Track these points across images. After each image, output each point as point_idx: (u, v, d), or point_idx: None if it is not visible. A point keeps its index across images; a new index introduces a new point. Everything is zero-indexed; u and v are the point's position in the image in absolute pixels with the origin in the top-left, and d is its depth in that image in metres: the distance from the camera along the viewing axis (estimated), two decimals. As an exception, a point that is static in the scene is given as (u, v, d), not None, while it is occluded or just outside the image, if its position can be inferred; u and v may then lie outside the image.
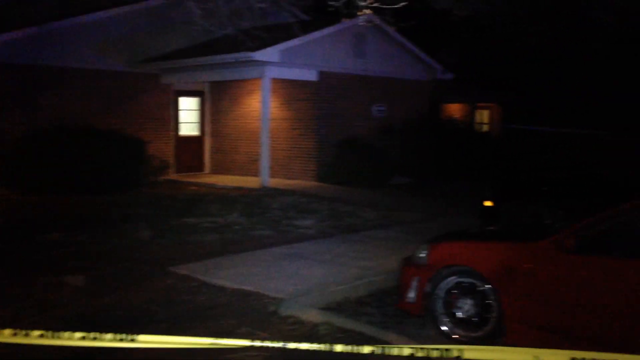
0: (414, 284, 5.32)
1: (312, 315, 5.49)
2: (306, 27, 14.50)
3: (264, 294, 6.05)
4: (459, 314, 5.08)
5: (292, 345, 2.33)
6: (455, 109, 21.95)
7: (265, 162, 14.05)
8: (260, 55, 13.19)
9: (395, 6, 6.64)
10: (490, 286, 4.87)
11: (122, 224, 9.37)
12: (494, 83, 23.01)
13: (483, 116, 23.30)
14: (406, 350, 2.22)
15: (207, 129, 17.34)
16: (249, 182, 14.56)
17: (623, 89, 19.49)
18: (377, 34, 15.87)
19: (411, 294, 5.35)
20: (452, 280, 5.15)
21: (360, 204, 11.84)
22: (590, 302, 4.31)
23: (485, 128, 22.61)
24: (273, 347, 2.37)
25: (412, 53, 16.91)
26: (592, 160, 7.99)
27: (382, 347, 2.31)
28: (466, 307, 5.07)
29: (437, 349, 2.20)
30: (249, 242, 8.63)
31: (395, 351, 2.28)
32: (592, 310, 4.28)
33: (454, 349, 2.16)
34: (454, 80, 19.22)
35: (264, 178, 13.97)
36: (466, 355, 2.15)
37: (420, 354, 2.20)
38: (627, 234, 4.47)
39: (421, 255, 5.40)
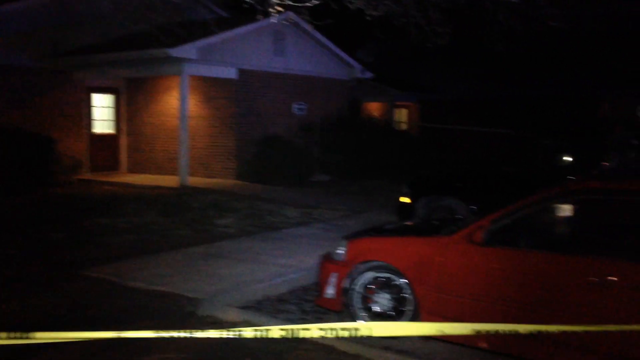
0: (333, 280, 5.36)
1: (231, 315, 5.42)
2: (225, 24, 14.32)
3: (181, 295, 5.92)
4: (376, 308, 5.16)
5: (199, 334, 2.26)
6: (374, 108, 22.38)
7: (184, 161, 13.76)
8: (177, 52, 12.90)
9: (308, 4, 6.66)
10: (405, 280, 4.98)
11: (30, 226, 8.91)
12: (412, 83, 23.63)
13: (402, 115, 23.89)
14: (316, 332, 2.17)
15: (123, 126, 16.77)
16: (168, 181, 14.21)
17: (530, 87, 20.52)
18: (296, 33, 15.90)
19: (330, 290, 5.38)
20: (370, 275, 5.23)
21: (281, 202, 11.83)
22: (498, 292, 4.49)
23: (403, 126, 23.19)
24: (180, 337, 2.28)
25: (331, 52, 17.06)
26: (501, 156, 8.36)
27: (292, 329, 2.24)
28: (383, 301, 5.15)
29: (346, 329, 2.17)
30: (166, 242, 8.43)
31: (305, 333, 2.22)
32: (500, 299, 4.45)
33: (363, 328, 2.14)
34: (374, 80, 19.58)
35: (183, 177, 13.68)
36: (375, 332, 2.13)
37: (330, 335, 2.16)
38: (531, 227, 4.69)
39: (339, 251, 5.44)
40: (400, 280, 5.01)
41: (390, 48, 22.84)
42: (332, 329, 2.15)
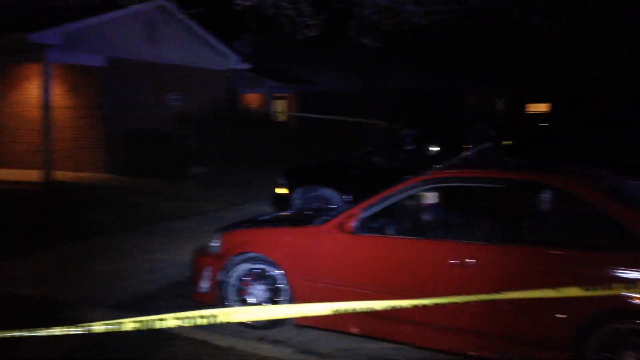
0: (207, 273, 5.28)
1: (99, 315, 5.17)
2: (94, 10, 13.56)
3: (44, 297, 5.56)
4: (251, 300, 5.15)
5: (43, 332, 2.10)
6: (253, 99, 22.27)
7: (48, 154, 12.89)
8: (38, 37, 12.03)
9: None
10: (280, 271, 5.01)
11: None
12: (291, 74, 23.79)
13: (280, 106, 24.00)
14: (172, 322, 2.09)
15: (-21, 117, 15.40)
16: (30, 175, 13.24)
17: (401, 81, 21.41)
18: (169, 21, 15.42)
19: (204, 284, 5.30)
20: (245, 267, 5.20)
21: (157, 195, 11.46)
22: (370, 278, 4.65)
23: (282, 117, 23.31)
24: (24, 337, 2.12)
25: (207, 42, 16.73)
26: (373, 147, 8.66)
27: (146, 320, 2.14)
28: (258, 292, 5.15)
29: (204, 317, 2.10)
30: (28, 241, 7.85)
31: (161, 324, 2.12)
32: (372, 286, 4.61)
33: (221, 314, 2.08)
34: (252, 71, 19.47)
35: (48, 171, 12.82)
36: (234, 318, 2.07)
37: (187, 324, 2.08)
38: (397, 214, 4.90)
39: (214, 244, 5.37)
40: (275, 271, 5.04)
41: (269, 40, 22.83)
42: (189, 318, 2.08)
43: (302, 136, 18.17)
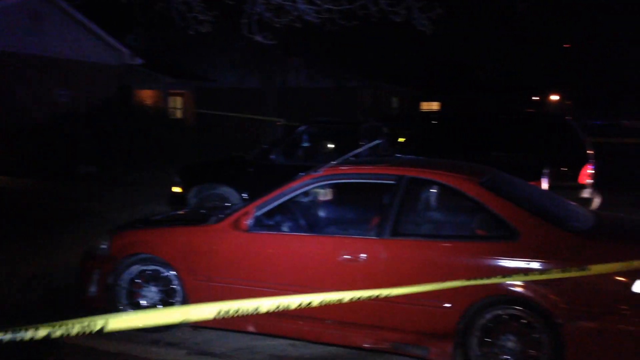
0: (96, 277, 5.06)
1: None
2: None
3: None
4: (143, 302, 5.00)
5: None
6: (148, 95, 21.56)
7: None
8: None
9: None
10: (174, 272, 4.89)
11: None
12: (187, 70, 23.26)
13: (177, 102, 23.41)
14: (42, 331, 1.92)
15: None
16: None
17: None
18: (55, 13, 14.61)
19: (93, 288, 5.07)
20: (136, 269, 5.03)
21: (41, 197, 10.81)
22: (266, 276, 4.63)
23: (179, 114, 22.76)
24: None
25: (95, 34, 16.01)
26: (271, 144, 8.62)
27: (12, 330, 1.94)
28: (151, 294, 5.00)
29: (79, 324, 1.96)
30: None
31: (30, 334, 1.94)
32: (268, 284, 4.60)
33: (98, 321, 1.95)
34: (146, 66, 18.84)
35: None
36: (111, 325, 1.94)
37: (60, 332, 1.92)
38: (291, 211, 4.93)
39: (103, 246, 5.15)
40: (169, 272, 4.91)
41: (165, 35, 22.20)
42: (61, 325, 1.92)
43: (200, 134, 17.83)
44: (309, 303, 2.23)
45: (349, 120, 9.89)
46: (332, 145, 8.30)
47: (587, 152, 8.42)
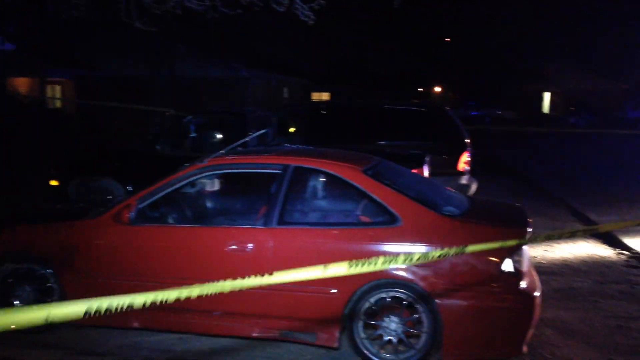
0: (-38, 278, 4.68)
1: None
2: None
3: None
4: (17, 302, 4.69)
5: None
6: (22, 84, 20.16)
7: None
8: None
9: None
10: (50, 270, 4.63)
11: None
12: (67, 57, 21.94)
13: (55, 91, 22.08)
14: None
15: None
16: None
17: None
18: None
19: (-41, 291, 4.68)
20: (9, 267, 4.72)
21: None
22: (150, 270, 4.50)
23: (58, 104, 21.46)
24: None
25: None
26: (157, 134, 8.33)
27: None
28: (25, 294, 4.71)
29: None
30: None
31: None
32: (153, 277, 4.46)
33: None
34: (19, 53, 17.57)
35: None
36: None
37: None
38: (175, 203, 4.82)
39: (-31, 245, 4.77)
40: (45, 270, 4.65)
41: (45, 20, 20.77)
42: None
43: (81, 124, 16.91)
44: (188, 295, 2.18)
45: (236, 110, 9.78)
46: (220, 136, 8.18)
47: (465, 140, 8.89)
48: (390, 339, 4.17)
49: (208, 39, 20.58)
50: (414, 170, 6.74)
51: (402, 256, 2.91)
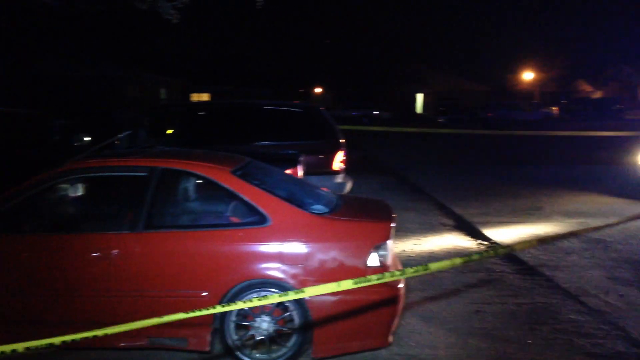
0: None
1: None
2: None
3: None
4: None
5: None
6: None
7: None
8: None
9: None
10: None
11: None
12: None
13: None
14: None
15: None
16: None
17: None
18: None
19: None
20: None
21: None
22: (7, 282, 4.21)
23: None
24: None
25: None
26: (11, 137, 7.77)
27: None
28: None
29: None
30: None
31: None
32: (14, 288, 4.18)
33: None
34: None
35: None
36: None
37: None
38: (35, 209, 4.54)
39: None
40: None
41: None
42: None
43: None
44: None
45: (104, 111, 9.39)
46: (88, 138, 7.81)
47: (340, 140, 9.13)
48: (262, 339, 4.20)
49: (78, 37, 19.55)
50: (288, 170, 6.83)
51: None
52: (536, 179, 13.03)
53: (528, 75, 57.06)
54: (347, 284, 2.89)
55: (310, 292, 2.93)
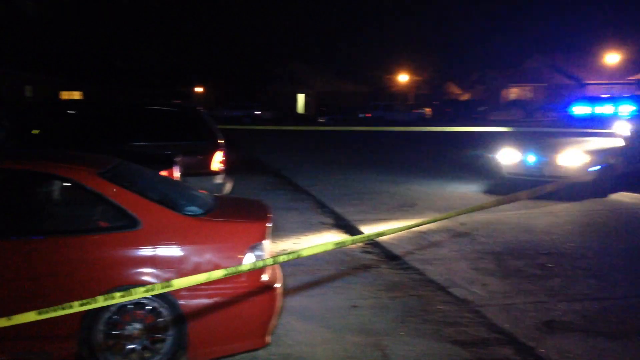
0: None
1: None
2: None
3: None
4: None
5: None
6: None
7: None
8: None
9: None
10: None
11: None
12: None
13: None
14: None
15: None
16: None
17: None
18: None
19: None
20: None
21: None
22: None
23: None
24: None
25: None
26: None
27: None
28: None
29: None
30: None
31: None
32: None
33: None
34: None
35: None
36: None
37: None
38: None
39: None
40: None
41: None
42: None
43: None
44: None
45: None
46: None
47: (218, 141, 9.00)
48: (134, 347, 4.03)
49: None
50: (164, 172, 6.63)
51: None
52: (410, 178, 13.63)
53: (403, 78, 59.64)
54: (217, 274, 2.81)
55: (178, 283, 2.80)
